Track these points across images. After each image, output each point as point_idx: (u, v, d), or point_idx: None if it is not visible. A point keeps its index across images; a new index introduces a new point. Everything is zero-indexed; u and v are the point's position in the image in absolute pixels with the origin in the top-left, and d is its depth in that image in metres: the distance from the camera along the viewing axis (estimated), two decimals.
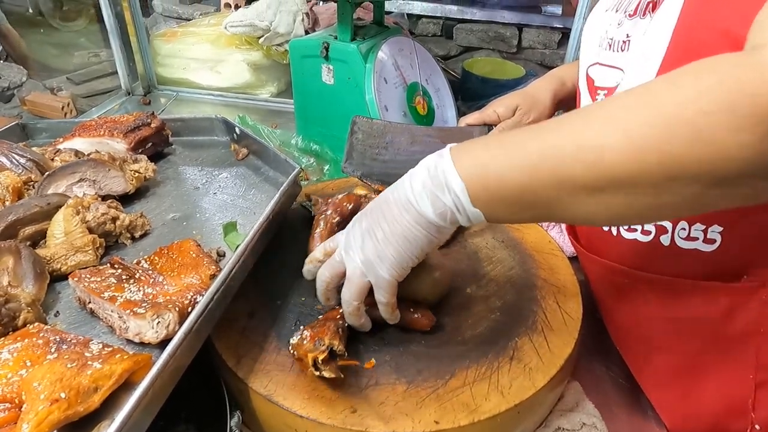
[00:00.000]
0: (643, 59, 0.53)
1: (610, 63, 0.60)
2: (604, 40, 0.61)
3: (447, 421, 0.49)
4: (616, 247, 0.62)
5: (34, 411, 0.39)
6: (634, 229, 0.59)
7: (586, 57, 0.66)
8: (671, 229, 0.55)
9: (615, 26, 0.59)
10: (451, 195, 0.45)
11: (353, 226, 0.52)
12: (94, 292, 0.52)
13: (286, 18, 1.27)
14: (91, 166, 0.72)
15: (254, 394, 0.52)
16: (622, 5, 0.59)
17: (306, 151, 1.02)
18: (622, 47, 0.58)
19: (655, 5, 0.53)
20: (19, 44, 2.52)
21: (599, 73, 0.62)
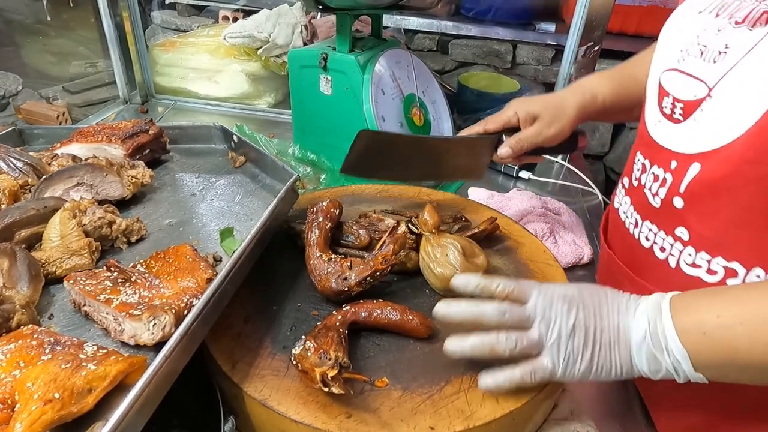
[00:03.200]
0: (746, 83, 0.46)
1: (694, 73, 0.52)
2: (694, 46, 0.52)
3: (442, 427, 0.49)
4: (669, 279, 0.55)
5: (28, 411, 0.39)
6: (699, 266, 0.53)
7: (662, 61, 0.58)
8: (743, 276, 0.50)
9: (713, 32, 0.50)
10: (671, 358, 0.44)
11: (559, 314, 0.48)
12: (90, 294, 0.52)
13: (284, 30, 1.29)
14: (89, 171, 0.73)
15: (249, 399, 0.52)
16: (726, 9, 0.51)
17: (303, 161, 1.02)
18: (715, 58, 0.49)
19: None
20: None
21: (676, 81, 0.54)
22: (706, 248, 0.52)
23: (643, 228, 0.59)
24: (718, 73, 0.48)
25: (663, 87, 0.56)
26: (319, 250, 0.63)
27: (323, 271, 0.61)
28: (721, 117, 0.48)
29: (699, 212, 0.52)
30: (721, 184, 0.49)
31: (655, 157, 0.56)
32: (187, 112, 1.42)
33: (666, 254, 0.56)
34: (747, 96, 0.45)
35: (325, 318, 0.57)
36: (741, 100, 0.46)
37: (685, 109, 0.52)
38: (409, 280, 0.67)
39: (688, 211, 0.52)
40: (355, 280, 0.60)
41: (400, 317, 0.57)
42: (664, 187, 0.54)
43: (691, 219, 0.52)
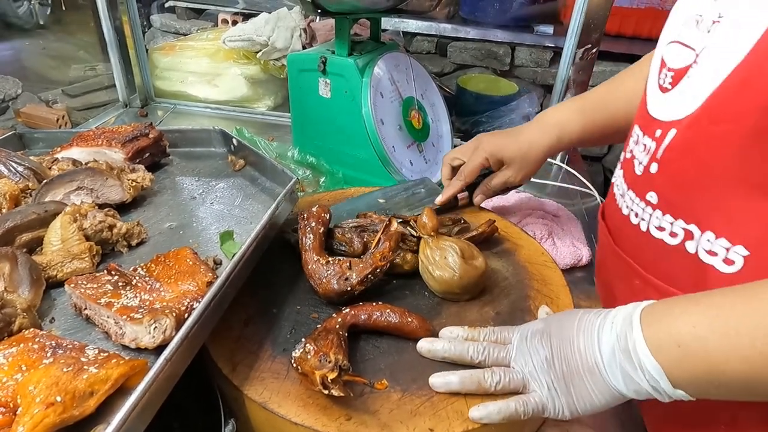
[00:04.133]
0: (722, 46, 0.45)
1: (688, 42, 0.50)
2: (692, 18, 0.51)
3: (441, 429, 0.49)
4: (640, 244, 0.55)
5: (30, 414, 0.39)
6: (663, 228, 0.52)
7: (667, 34, 0.56)
8: (698, 238, 0.48)
9: (711, 1, 0.49)
10: (647, 376, 0.42)
11: (533, 348, 0.51)
12: (91, 298, 0.53)
13: (284, 33, 1.29)
14: (89, 175, 0.73)
15: (249, 401, 0.52)
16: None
17: (302, 164, 1.03)
18: (709, 28, 0.48)
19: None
20: None
21: (673, 51, 0.53)
22: (671, 211, 0.51)
23: (626, 197, 0.58)
24: (707, 40, 0.47)
25: (663, 59, 0.55)
26: (316, 255, 0.63)
27: (323, 274, 0.61)
28: (699, 83, 0.47)
29: (667, 175, 0.51)
30: (688, 147, 0.48)
31: (647, 128, 0.55)
32: (186, 115, 1.42)
33: (638, 219, 0.55)
34: (720, 54, 0.44)
35: (325, 321, 0.57)
36: (714, 63, 0.45)
37: (674, 77, 0.51)
38: (408, 282, 0.67)
39: (660, 176, 0.52)
40: (357, 278, 0.60)
41: (400, 319, 0.57)
42: (648, 155, 0.54)
43: (659, 182, 0.52)
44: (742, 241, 0.44)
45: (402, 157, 0.97)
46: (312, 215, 0.67)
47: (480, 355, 0.53)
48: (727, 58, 0.43)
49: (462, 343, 0.55)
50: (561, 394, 0.48)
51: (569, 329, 0.49)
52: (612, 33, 2.00)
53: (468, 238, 0.70)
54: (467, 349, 0.54)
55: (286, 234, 0.72)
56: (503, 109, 1.34)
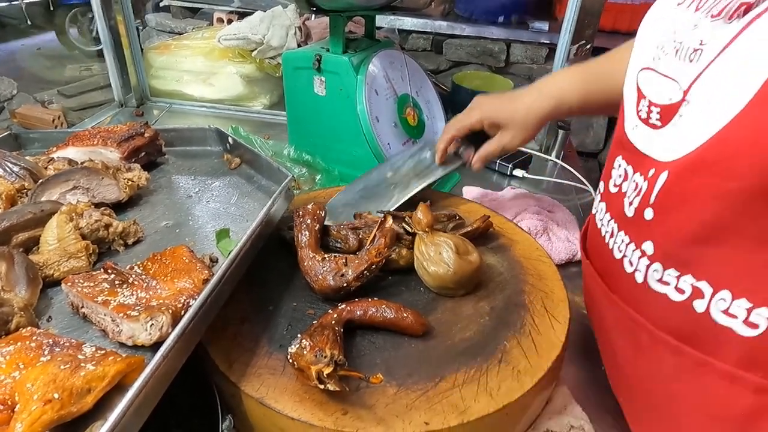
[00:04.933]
0: (718, 84, 0.41)
1: (668, 73, 0.47)
2: (670, 43, 0.48)
3: (437, 423, 0.49)
4: (638, 294, 0.52)
5: (28, 411, 0.39)
6: (667, 282, 0.48)
7: (639, 59, 0.53)
8: (710, 296, 0.45)
9: (689, 28, 0.45)
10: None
11: None
12: (88, 296, 0.53)
13: (278, 32, 1.30)
14: (85, 174, 0.73)
15: (246, 397, 0.52)
16: (705, 4, 0.45)
17: (298, 161, 1.03)
18: (691, 56, 0.45)
19: (750, 7, 0.40)
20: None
21: (652, 82, 0.50)
22: (675, 264, 0.47)
23: (617, 239, 0.55)
24: (692, 73, 0.44)
25: (639, 88, 0.53)
26: (311, 251, 0.63)
27: (319, 271, 0.62)
28: (693, 124, 0.44)
29: (667, 225, 0.48)
30: (686, 196, 0.45)
31: (638, 164, 0.52)
32: (182, 114, 1.42)
33: (633, 268, 0.52)
34: (716, 98, 0.41)
35: (321, 317, 0.57)
36: (711, 103, 0.41)
37: (663, 114, 0.48)
38: (403, 278, 0.68)
39: (657, 224, 0.49)
40: (353, 275, 0.61)
41: (395, 315, 0.58)
42: (639, 195, 0.50)
43: (658, 232, 0.49)
44: (766, 302, 0.41)
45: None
46: (307, 212, 0.68)
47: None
48: (726, 102, 0.40)
49: None
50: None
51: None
52: (607, 29, 2.01)
53: (463, 234, 0.71)
54: None
55: (282, 231, 0.72)
56: None
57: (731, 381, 0.45)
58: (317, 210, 0.68)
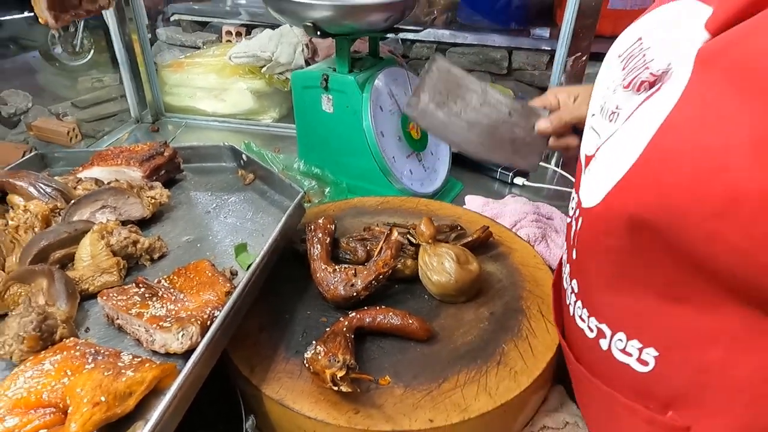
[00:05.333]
0: (614, 150, 0.45)
1: (596, 126, 0.52)
2: (601, 99, 0.52)
3: (440, 420, 0.54)
4: (575, 332, 0.56)
5: (80, 412, 0.45)
6: (584, 320, 0.53)
7: (594, 100, 0.57)
8: (609, 337, 0.49)
9: (611, 91, 0.50)
10: None
11: None
12: (122, 309, 0.58)
13: (287, 49, 1.35)
14: (112, 194, 0.79)
15: (267, 399, 0.58)
16: (629, 65, 0.49)
17: (308, 175, 1.08)
18: (610, 117, 0.49)
19: (652, 84, 0.44)
20: None
21: (587, 133, 0.55)
22: (586, 305, 0.52)
23: (564, 270, 0.59)
24: (606, 133, 0.48)
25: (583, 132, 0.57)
26: (323, 263, 0.69)
27: (330, 282, 0.67)
28: (595, 180, 0.47)
29: (580, 267, 0.52)
30: (587, 244, 0.49)
31: (577, 202, 0.54)
32: (196, 129, 1.48)
33: (569, 301, 0.56)
34: (611, 162, 0.44)
35: (333, 324, 0.63)
36: (607, 166, 0.45)
37: (586, 160, 0.53)
38: (409, 286, 0.73)
39: (578, 264, 0.53)
40: (362, 285, 0.66)
41: (401, 321, 0.63)
42: (572, 232, 0.54)
43: (579, 272, 0.53)
44: (653, 343, 0.45)
45: (402, 166, 1.03)
46: (318, 227, 0.73)
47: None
48: (616, 165, 0.43)
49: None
50: None
51: None
52: (606, 34, 2.05)
53: (463, 244, 0.76)
54: None
55: (296, 245, 0.77)
56: None
57: (631, 412, 0.49)
58: (328, 224, 0.74)
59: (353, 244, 0.74)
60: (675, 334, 0.43)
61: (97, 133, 1.69)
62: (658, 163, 0.38)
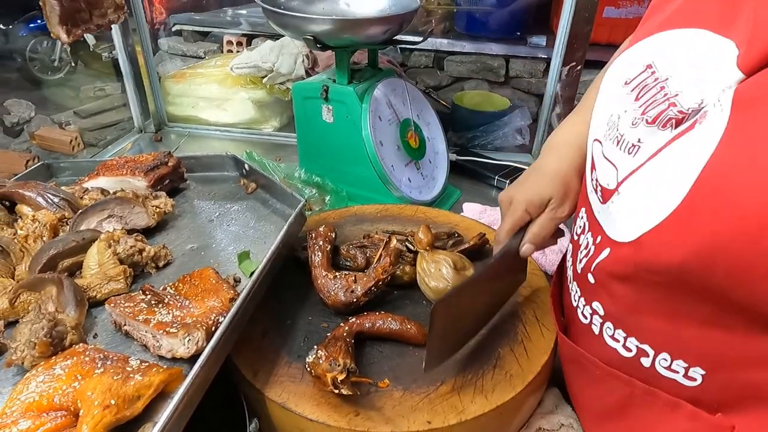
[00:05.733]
0: (645, 189, 0.46)
1: (612, 159, 0.51)
2: (614, 128, 0.51)
3: (438, 422, 0.56)
4: (596, 346, 0.56)
5: (91, 415, 0.47)
6: (617, 340, 0.53)
7: (594, 129, 0.57)
8: (653, 357, 0.50)
9: (629, 122, 0.49)
10: None
11: None
12: (129, 315, 0.60)
13: (287, 60, 1.38)
14: (118, 204, 0.81)
15: (270, 402, 0.59)
16: (644, 96, 0.49)
17: (309, 183, 1.10)
18: (630, 150, 0.49)
19: (678, 122, 0.44)
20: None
21: (599, 160, 0.54)
22: (621, 326, 0.52)
23: (572, 287, 0.60)
24: (627, 168, 0.48)
25: (593, 159, 0.56)
26: (324, 270, 0.71)
27: (331, 288, 0.69)
28: (624, 216, 0.48)
29: (607, 293, 0.53)
30: (623, 275, 0.49)
31: (591, 224, 0.56)
32: (198, 138, 1.51)
33: (588, 321, 0.57)
34: (643, 204, 0.45)
35: (334, 329, 0.65)
36: (638, 207, 0.46)
37: (603, 194, 0.53)
38: (407, 292, 0.75)
39: (599, 288, 0.54)
40: (362, 291, 0.68)
41: (400, 326, 0.65)
42: (586, 257, 0.55)
43: (603, 296, 0.54)
44: (699, 363, 0.47)
45: (401, 175, 1.05)
46: (319, 234, 0.75)
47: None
48: (653, 204, 0.43)
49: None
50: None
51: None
52: (602, 42, 2.08)
53: (460, 251, 0.78)
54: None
55: (297, 252, 0.79)
56: (497, 123, 1.41)
57: (672, 408, 0.50)
58: (328, 232, 0.76)
59: (353, 251, 0.76)
60: (722, 357, 0.45)
61: (100, 142, 1.72)
62: (709, 210, 0.38)
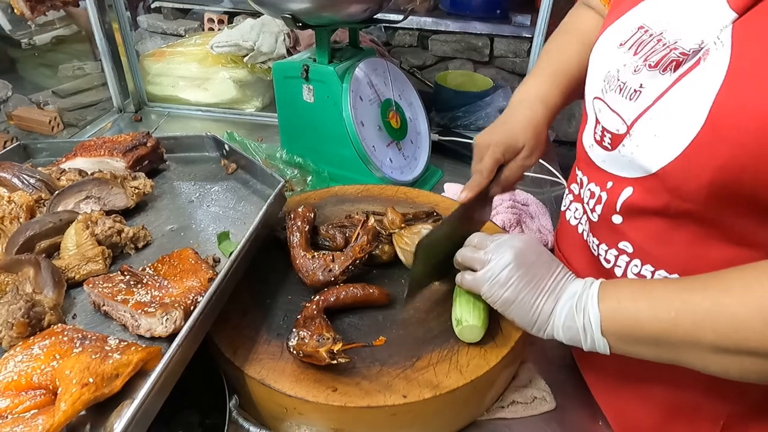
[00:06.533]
0: (659, 126, 0.51)
1: (616, 108, 0.57)
2: (614, 80, 0.57)
3: (413, 396, 0.58)
4: None
5: (69, 393, 0.47)
6: (644, 276, 0.58)
7: (591, 87, 0.62)
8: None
9: (630, 70, 0.55)
10: (584, 319, 0.51)
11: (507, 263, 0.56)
12: (108, 296, 0.61)
13: (268, 38, 1.36)
14: (96, 185, 0.80)
15: (249, 379, 0.61)
16: (643, 50, 0.54)
17: (290, 164, 1.10)
18: (632, 95, 0.54)
19: (678, 64, 0.50)
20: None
21: (603, 112, 0.59)
22: (649, 261, 0.57)
23: (591, 239, 0.64)
24: (634, 111, 0.54)
25: (596, 115, 0.61)
26: (302, 250, 0.71)
27: (309, 267, 0.70)
28: (642, 152, 0.53)
29: (636, 228, 0.57)
30: (652, 206, 0.54)
31: (592, 176, 0.62)
32: (179, 118, 1.49)
33: (612, 265, 0.61)
34: (661, 137, 0.50)
35: (303, 311, 0.65)
36: (656, 141, 0.51)
37: (612, 140, 0.58)
38: (386, 271, 0.76)
39: (629, 228, 0.58)
40: (339, 270, 0.69)
41: (363, 291, 0.67)
42: (600, 204, 0.60)
43: (631, 235, 0.58)
44: None
45: (382, 155, 1.05)
46: (298, 215, 0.75)
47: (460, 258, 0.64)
48: (672, 136, 0.49)
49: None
50: (507, 289, 0.56)
51: (552, 261, 0.57)
52: None
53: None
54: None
55: (277, 232, 0.80)
56: (480, 103, 1.41)
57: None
58: (307, 212, 0.76)
59: (332, 231, 0.77)
60: None
61: (79, 123, 1.69)
62: (729, 128, 0.44)
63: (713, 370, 0.47)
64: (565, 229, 0.73)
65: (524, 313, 0.56)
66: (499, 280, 0.56)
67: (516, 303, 0.56)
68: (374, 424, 0.59)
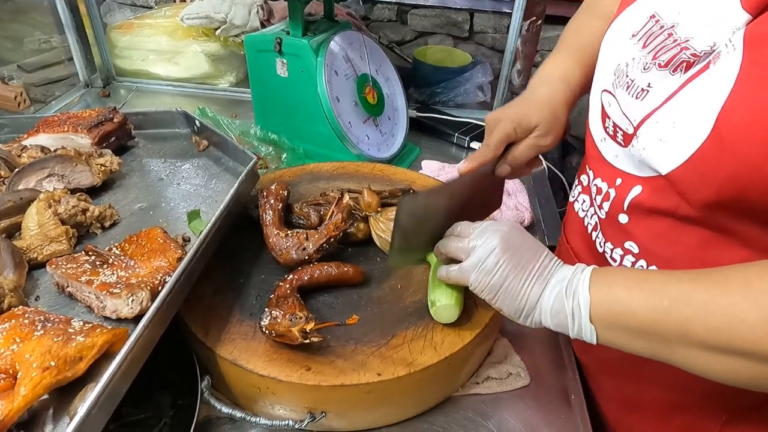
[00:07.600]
0: (667, 129, 0.49)
1: (623, 106, 0.56)
2: (623, 75, 0.56)
3: (388, 373, 0.58)
4: None
5: (29, 377, 0.45)
6: None
7: (601, 79, 0.61)
8: None
9: (639, 67, 0.53)
10: (573, 302, 0.49)
11: (492, 248, 0.53)
12: (72, 277, 0.58)
13: (241, 10, 1.31)
14: (59, 162, 0.77)
15: (221, 359, 0.59)
16: (652, 43, 0.53)
17: (265, 141, 1.08)
18: (639, 94, 0.53)
19: (689, 65, 0.49)
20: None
21: (613, 107, 0.58)
22: (655, 261, 0.56)
23: (597, 235, 0.64)
24: (641, 112, 0.53)
25: (604, 108, 0.59)
26: (275, 229, 0.70)
27: (283, 246, 0.68)
28: (648, 155, 0.52)
29: (644, 228, 0.57)
30: (659, 207, 0.54)
31: (601, 171, 0.61)
32: (149, 94, 1.44)
33: (617, 264, 0.61)
34: (667, 143, 0.49)
35: (276, 290, 0.64)
36: (662, 146, 0.50)
37: (624, 138, 0.56)
38: (361, 249, 0.75)
39: (635, 228, 0.57)
40: (313, 248, 0.68)
41: (337, 270, 0.66)
42: (608, 201, 0.59)
43: (636, 234, 0.58)
44: None
45: (359, 131, 1.03)
46: (270, 193, 0.74)
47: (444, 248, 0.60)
48: (679, 141, 0.48)
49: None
50: (494, 275, 0.53)
51: (537, 246, 0.54)
52: None
53: None
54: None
55: (250, 210, 0.78)
56: (459, 79, 1.40)
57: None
58: (280, 190, 0.74)
59: (306, 209, 0.75)
60: None
61: (47, 98, 1.62)
62: (738, 137, 0.43)
63: (698, 369, 0.45)
64: (572, 219, 0.72)
65: (512, 300, 0.53)
66: (486, 266, 0.53)
67: (503, 288, 0.53)
68: (349, 403, 0.59)
